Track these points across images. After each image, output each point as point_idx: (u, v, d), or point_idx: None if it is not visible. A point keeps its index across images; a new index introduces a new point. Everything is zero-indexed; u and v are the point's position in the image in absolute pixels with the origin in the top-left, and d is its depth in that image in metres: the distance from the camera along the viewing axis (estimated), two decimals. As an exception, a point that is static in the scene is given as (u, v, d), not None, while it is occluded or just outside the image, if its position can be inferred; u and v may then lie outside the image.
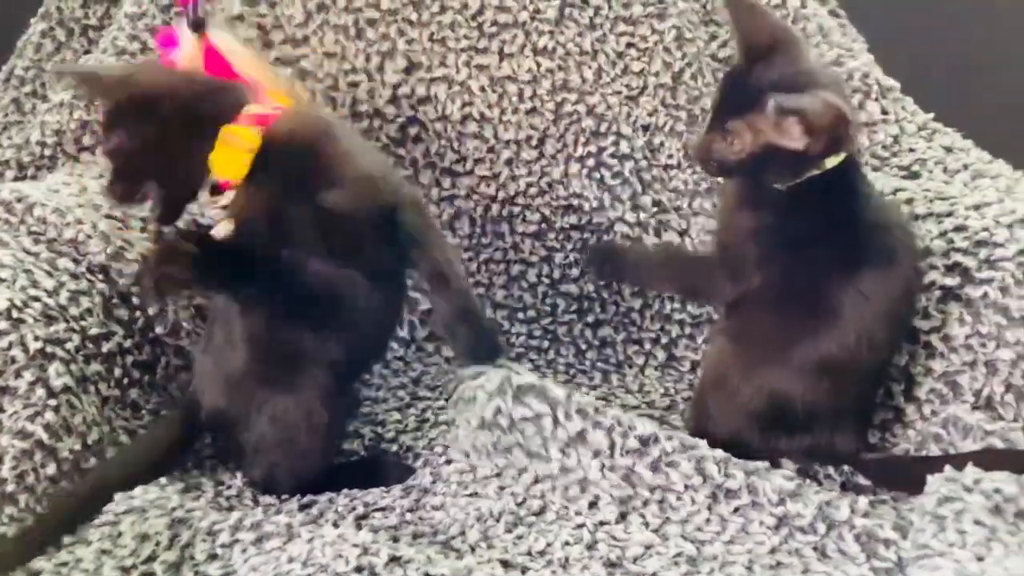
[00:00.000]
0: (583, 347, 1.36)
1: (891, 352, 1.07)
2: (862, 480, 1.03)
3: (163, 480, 1.03)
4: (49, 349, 1.04)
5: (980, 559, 0.81)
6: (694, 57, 1.34)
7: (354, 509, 1.01)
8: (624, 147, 1.35)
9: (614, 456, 0.99)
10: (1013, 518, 0.86)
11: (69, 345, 1.07)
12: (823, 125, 0.95)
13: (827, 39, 1.45)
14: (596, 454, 0.99)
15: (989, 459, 0.92)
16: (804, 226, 1.02)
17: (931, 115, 1.41)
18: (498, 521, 0.97)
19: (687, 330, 1.35)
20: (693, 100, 1.33)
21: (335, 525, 0.95)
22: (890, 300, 1.02)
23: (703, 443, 1.00)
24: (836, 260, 1.01)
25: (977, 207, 1.14)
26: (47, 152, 1.43)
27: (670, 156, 1.35)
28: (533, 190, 1.36)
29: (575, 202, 1.36)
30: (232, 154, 0.98)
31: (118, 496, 0.98)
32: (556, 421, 1.01)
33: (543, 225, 1.36)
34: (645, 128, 1.36)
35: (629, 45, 1.37)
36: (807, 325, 1.02)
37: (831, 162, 0.99)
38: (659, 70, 1.35)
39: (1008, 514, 0.86)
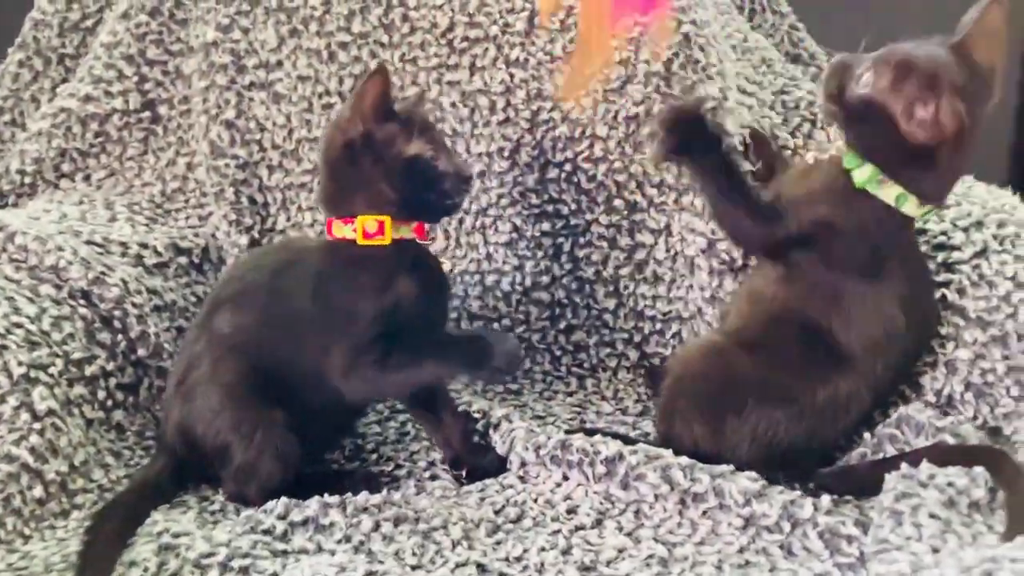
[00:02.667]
0: (558, 353, 1.39)
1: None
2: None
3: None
4: (33, 374, 1.07)
5: (936, 551, 0.85)
6: (680, 47, 1.31)
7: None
8: (598, 150, 1.35)
9: (590, 483, 1.05)
10: (967, 509, 0.90)
11: (52, 369, 1.10)
12: (946, 125, 0.95)
13: (771, 70, 1.46)
14: (578, 485, 1.06)
15: (941, 454, 0.96)
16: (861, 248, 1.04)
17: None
18: (478, 527, 1.00)
19: (658, 326, 1.36)
20: (688, 90, 1.31)
21: (318, 530, 0.97)
22: (915, 341, 1.07)
23: (667, 452, 1.03)
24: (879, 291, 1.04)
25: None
26: (27, 180, 1.46)
27: (663, 147, 1.34)
28: (504, 200, 1.38)
29: (549, 208, 1.38)
30: None
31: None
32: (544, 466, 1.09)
33: (514, 235, 1.38)
34: (630, 119, 1.33)
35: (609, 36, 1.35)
36: (823, 361, 1.04)
37: (917, 211, 1.03)
38: (649, 58, 1.32)
39: (962, 506, 0.90)
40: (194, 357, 1.08)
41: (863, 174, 1.03)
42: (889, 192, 1.02)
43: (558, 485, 1.07)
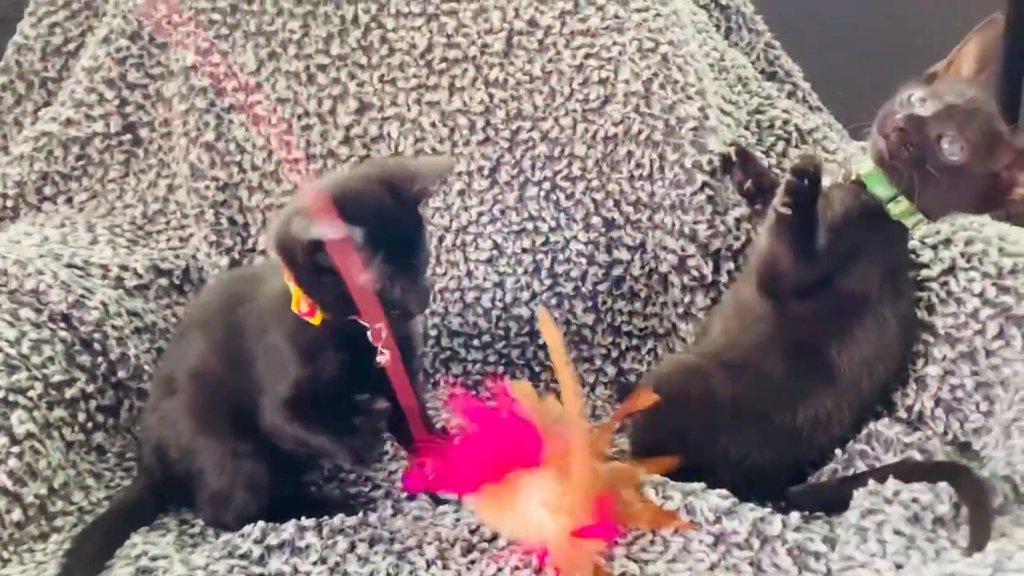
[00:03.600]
0: (537, 369, 1.40)
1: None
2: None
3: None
4: (12, 397, 1.08)
5: (899, 567, 0.86)
6: (659, 67, 1.34)
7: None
8: (576, 169, 1.38)
9: None
10: (931, 525, 0.91)
11: (32, 393, 1.10)
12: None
13: (747, 88, 1.48)
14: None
15: (907, 470, 0.97)
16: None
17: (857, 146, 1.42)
18: (453, 546, 1.00)
19: (634, 342, 1.38)
20: (668, 109, 1.33)
21: (294, 553, 0.98)
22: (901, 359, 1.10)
23: (640, 471, 1.04)
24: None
25: (906, 228, 1.19)
26: (9, 203, 1.47)
27: (639, 165, 1.34)
28: (485, 218, 1.40)
29: (528, 225, 1.39)
30: None
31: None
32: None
33: (495, 252, 1.40)
34: (608, 139, 1.36)
35: (588, 56, 1.38)
36: (809, 380, 1.07)
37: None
38: (628, 78, 1.35)
39: (926, 522, 0.91)
40: (167, 381, 1.10)
41: (898, 207, 1.06)
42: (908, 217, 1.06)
43: (533, 503, 1.08)
